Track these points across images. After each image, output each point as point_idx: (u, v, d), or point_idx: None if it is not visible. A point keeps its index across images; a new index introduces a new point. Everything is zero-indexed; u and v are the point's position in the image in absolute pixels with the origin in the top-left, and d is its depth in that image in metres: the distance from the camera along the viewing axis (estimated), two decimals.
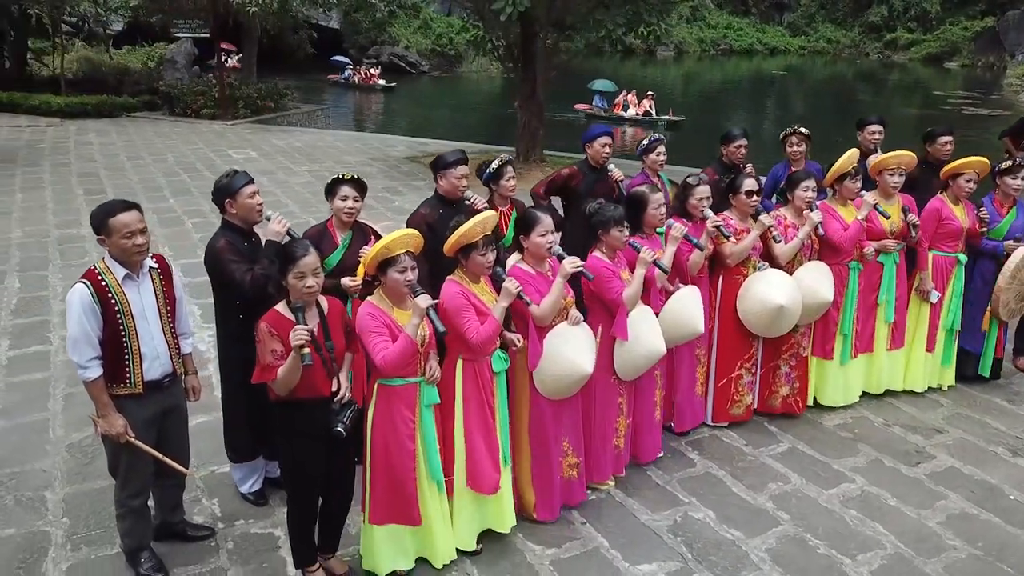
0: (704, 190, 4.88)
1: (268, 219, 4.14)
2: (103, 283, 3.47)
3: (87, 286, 3.44)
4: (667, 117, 23.70)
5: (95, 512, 4.32)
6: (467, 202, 4.80)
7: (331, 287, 4.15)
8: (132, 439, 3.59)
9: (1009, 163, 5.73)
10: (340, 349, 3.60)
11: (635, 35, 12.72)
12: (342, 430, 3.49)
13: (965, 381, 6.08)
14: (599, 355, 4.38)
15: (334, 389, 3.54)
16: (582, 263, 3.95)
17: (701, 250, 4.77)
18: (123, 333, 3.51)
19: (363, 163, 14.14)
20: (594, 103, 25.59)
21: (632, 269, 4.36)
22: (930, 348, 5.80)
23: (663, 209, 4.70)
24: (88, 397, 3.59)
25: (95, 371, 3.49)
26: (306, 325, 3.34)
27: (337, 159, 14.35)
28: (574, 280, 4.09)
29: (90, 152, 14.29)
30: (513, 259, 4.22)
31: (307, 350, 3.27)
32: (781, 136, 6.42)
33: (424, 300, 3.40)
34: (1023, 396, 5.97)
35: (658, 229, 4.78)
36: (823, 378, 5.54)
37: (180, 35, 23.20)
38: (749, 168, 6.13)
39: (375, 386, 3.64)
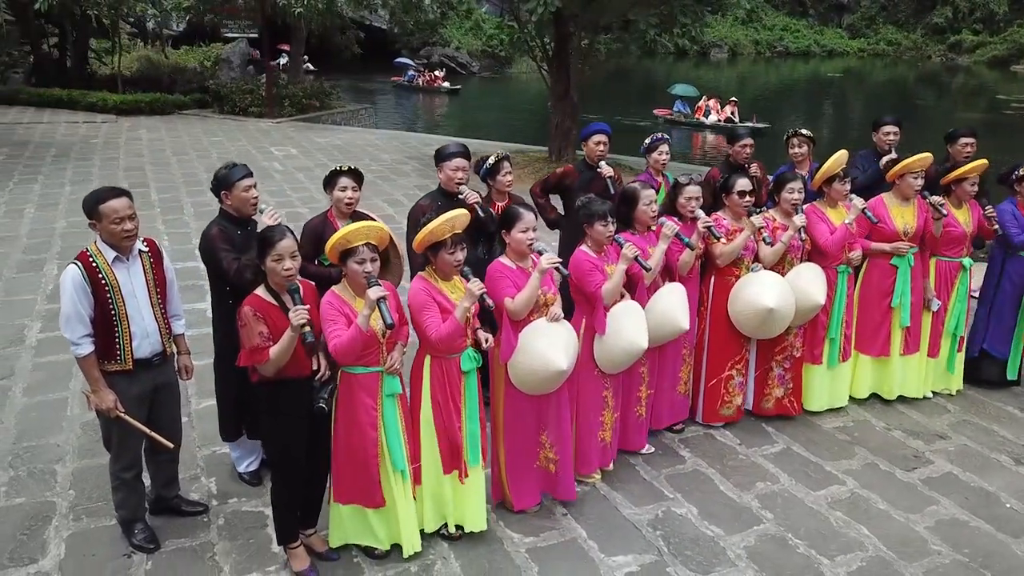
0: (694, 190, 4.89)
1: (263, 212, 4.30)
2: (94, 264, 3.67)
3: (78, 267, 3.64)
4: (750, 124, 22.68)
5: (99, 486, 4.51)
6: (460, 196, 4.89)
7: (336, 275, 4.28)
8: (122, 414, 3.78)
9: None
10: (317, 329, 3.73)
11: (669, 36, 12.68)
12: (324, 406, 3.64)
13: (981, 387, 5.98)
14: (583, 348, 4.45)
15: (314, 368, 3.68)
16: (559, 260, 4.01)
17: (692, 249, 4.78)
18: (113, 312, 3.70)
19: (399, 161, 14.38)
20: (675, 108, 24.84)
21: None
22: (933, 353, 5.70)
23: (654, 206, 4.73)
24: None
25: (86, 348, 3.69)
26: (304, 306, 3.48)
27: (374, 157, 14.60)
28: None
29: (139, 148, 14.83)
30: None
31: (308, 328, 3.44)
32: (784, 137, 6.39)
33: (374, 292, 3.47)
34: None
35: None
36: (809, 382, 5.49)
37: (230, 35, 23.84)
38: (754, 168, 6.13)
39: (339, 373, 3.76)
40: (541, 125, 21.05)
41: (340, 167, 4.57)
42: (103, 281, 3.67)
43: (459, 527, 4.15)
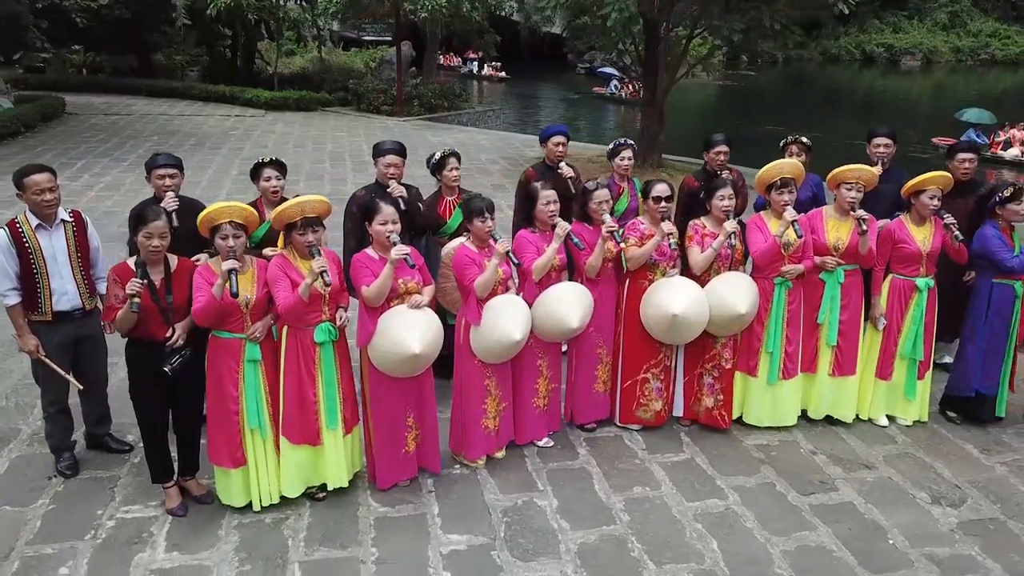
0: (603, 194, 4.97)
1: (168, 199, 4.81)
2: (20, 230, 4.38)
3: (5, 231, 4.36)
4: None
5: None
6: (387, 189, 5.28)
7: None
8: (42, 356, 4.48)
9: (1010, 191, 5.14)
10: (181, 303, 4.21)
11: (773, 44, 12.27)
12: (167, 370, 4.12)
13: (978, 423, 5.55)
14: (464, 337, 4.69)
15: (167, 335, 4.18)
16: (407, 251, 4.28)
17: (580, 249, 4.86)
18: (35, 271, 4.39)
19: (491, 160, 14.87)
20: (963, 138, 20.20)
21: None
22: (883, 375, 5.35)
23: (552, 206, 4.85)
24: None
25: (12, 299, 4.41)
26: (145, 280, 4.00)
27: (473, 156, 15.17)
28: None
29: (267, 140, 16.33)
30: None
31: (137, 299, 3.94)
32: (781, 144, 6.18)
33: (227, 264, 3.94)
34: (1007, 447, 5.31)
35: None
36: (748, 396, 5.35)
37: (367, 38, 25.42)
38: (725, 174, 6.02)
39: (209, 338, 4.25)
40: (682, 133, 20.38)
41: (263, 159, 5.08)
42: (27, 244, 4.38)
43: (324, 486, 4.52)
